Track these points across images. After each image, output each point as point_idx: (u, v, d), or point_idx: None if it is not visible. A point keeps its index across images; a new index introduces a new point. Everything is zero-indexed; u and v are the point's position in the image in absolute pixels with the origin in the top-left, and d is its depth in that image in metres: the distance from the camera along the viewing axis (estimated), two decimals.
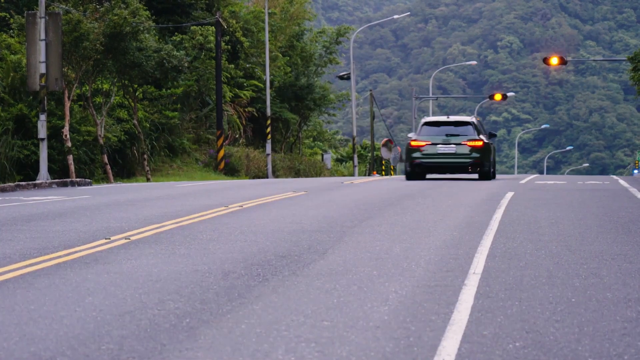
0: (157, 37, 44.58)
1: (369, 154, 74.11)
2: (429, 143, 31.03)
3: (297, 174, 56.52)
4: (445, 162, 31.08)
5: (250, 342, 7.03)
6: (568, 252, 11.67)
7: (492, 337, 7.20)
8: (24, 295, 8.90)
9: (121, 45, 37.46)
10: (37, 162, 33.48)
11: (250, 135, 58.10)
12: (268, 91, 51.59)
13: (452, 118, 32.54)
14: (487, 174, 31.15)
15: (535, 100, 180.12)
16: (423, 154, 31.02)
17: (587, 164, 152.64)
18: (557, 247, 12.06)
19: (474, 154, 30.76)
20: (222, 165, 48.05)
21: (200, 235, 13.35)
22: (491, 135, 33.09)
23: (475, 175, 32.25)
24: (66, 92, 36.02)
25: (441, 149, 30.95)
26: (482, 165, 30.91)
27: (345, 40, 69.20)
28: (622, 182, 27.97)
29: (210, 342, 7.05)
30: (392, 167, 68.32)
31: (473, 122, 31.74)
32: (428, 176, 32.41)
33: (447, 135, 31.12)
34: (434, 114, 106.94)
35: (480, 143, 30.86)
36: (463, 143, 30.88)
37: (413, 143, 31.25)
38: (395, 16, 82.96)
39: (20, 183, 28.94)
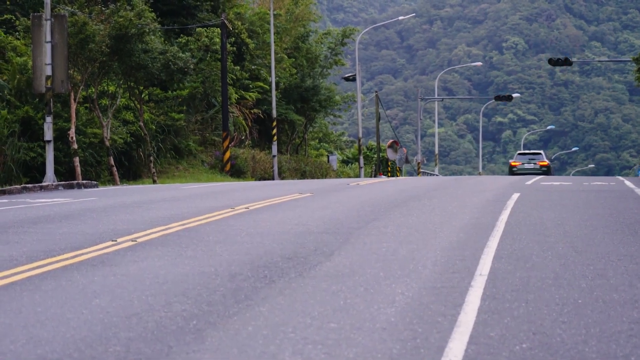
0: (162, 39, 44.60)
1: (375, 156, 74.05)
2: (520, 163, 56.95)
3: (303, 175, 56.52)
4: (528, 173, 54.15)
5: (257, 344, 7.04)
6: (574, 253, 11.66)
7: (498, 339, 7.20)
8: (30, 298, 8.91)
9: (127, 47, 37.45)
10: (44, 164, 33.51)
11: (256, 136, 58.07)
12: (274, 93, 51.58)
13: (532, 151, 61.55)
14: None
15: (540, 102, 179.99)
16: (517, 168, 56.43)
17: (592, 165, 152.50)
18: (564, 248, 12.05)
19: (543, 168, 56.45)
20: (228, 166, 48.06)
21: (206, 237, 13.36)
22: (551, 161, 58.34)
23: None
24: (72, 94, 36.06)
25: (526, 165, 56.66)
26: (547, 174, 54.26)
27: (350, 42, 69.17)
28: (627, 183, 27.94)
29: (217, 344, 7.06)
30: (398, 169, 68.22)
31: (542, 153, 59.32)
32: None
33: (529, 159, 57.40)
34: (439, 115, 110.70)
35: (546, 163, 57.57)
36: (537, 163, 56.87)
37: (512, 163, 57.28)
38: (401, 17, 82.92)
39: (27, 185, 28.98)
